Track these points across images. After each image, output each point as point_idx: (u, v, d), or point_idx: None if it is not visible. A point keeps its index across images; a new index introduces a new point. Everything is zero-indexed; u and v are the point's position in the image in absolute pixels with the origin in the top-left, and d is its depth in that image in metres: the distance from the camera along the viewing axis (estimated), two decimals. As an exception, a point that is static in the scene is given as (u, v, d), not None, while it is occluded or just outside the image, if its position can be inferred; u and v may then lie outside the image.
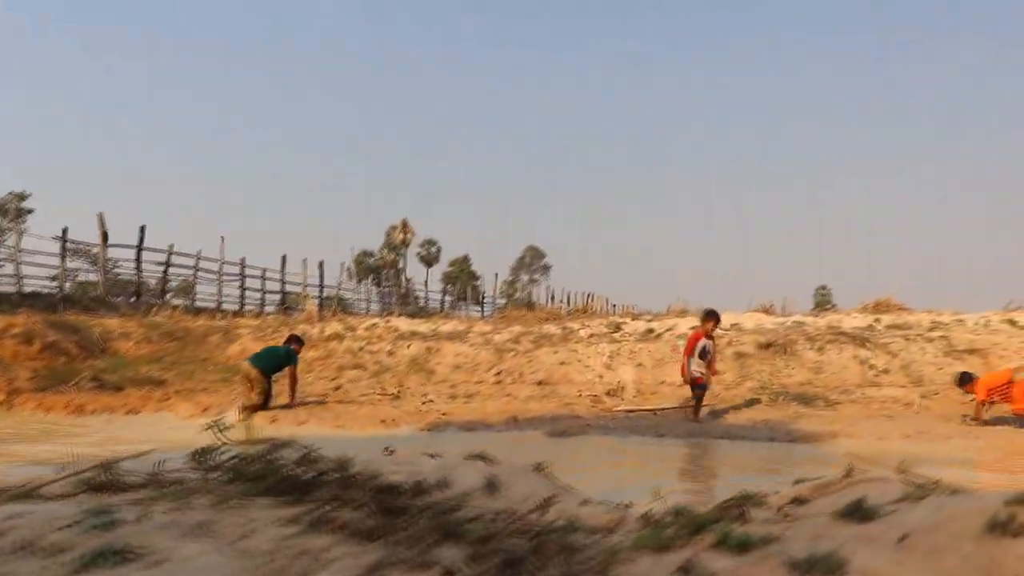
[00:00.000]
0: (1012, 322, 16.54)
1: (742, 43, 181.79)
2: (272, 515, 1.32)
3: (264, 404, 13.81)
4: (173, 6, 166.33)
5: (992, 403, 11.96)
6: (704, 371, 12.66)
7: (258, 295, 33.66)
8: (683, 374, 12.83)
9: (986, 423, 11.91)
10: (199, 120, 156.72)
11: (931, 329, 16.48)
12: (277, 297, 34.70)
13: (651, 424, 12.26)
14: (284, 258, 34.58)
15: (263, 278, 33.82)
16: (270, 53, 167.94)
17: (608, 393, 15.43)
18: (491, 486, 2.09)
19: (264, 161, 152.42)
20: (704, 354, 12.63)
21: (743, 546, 1.20)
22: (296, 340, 15.05)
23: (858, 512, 1.37)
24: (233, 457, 1.67)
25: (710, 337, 12.81)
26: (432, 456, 2.30)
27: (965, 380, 12.42)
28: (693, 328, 14.70)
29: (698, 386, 12.65)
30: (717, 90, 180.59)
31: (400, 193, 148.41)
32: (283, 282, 34.81)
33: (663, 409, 13.99)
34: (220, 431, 1.77)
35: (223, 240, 31.07)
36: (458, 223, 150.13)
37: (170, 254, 29.55)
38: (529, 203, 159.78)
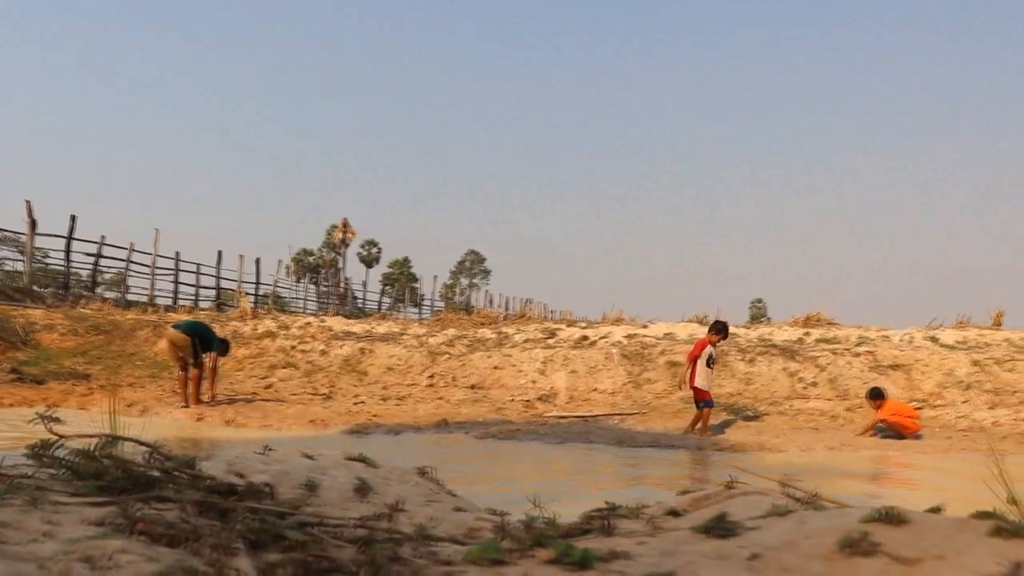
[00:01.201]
0: (934, 339, 16.91)
1: (681, 49, 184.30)
2: (83, 515, 1.22)
3: (199, 365, 13.69)
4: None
5: (888, 422, 12.39)
6: (711, 382, 12.42)
7: (192, 290, 33.08)
8: (686, 381, 12.51)
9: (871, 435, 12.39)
10: (135, 109, 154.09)
11: (858, 344, 16.77)
12: (212, 293, 34.11)
13: (581, 431, 12.24)
14: (220, 253, 34.02)
15: (198, 273, 33.25)
16: (208, 44, 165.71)
17: (540, 399, 15.41)
18: (362, 489, 2.01)
19: (203, 155, 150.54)
20: (710, 362, 12.37)
21: (583, 562, 1.13)
22: (227, 345, 14.91)
23: (718, 528, 1.32)
24: (72, 453, 1.57)
25: (715, 346, 12.60)
26: (309, 456, 2.21)
27: (874, 395, 12.77)
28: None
29: (705, 402, 12.33)
30: (659, 99, 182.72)
31: (341, 192, 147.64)
32: (218, 278, 34.23)
33: (594, 416, 14.02)
34: (50, 422, 1.66)
35: (157, 233, 30.45)
36: (400, 225, 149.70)
37: (102, 245, 28.84)
38: (471, 207, 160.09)
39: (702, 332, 18.37)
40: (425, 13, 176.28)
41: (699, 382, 12.24)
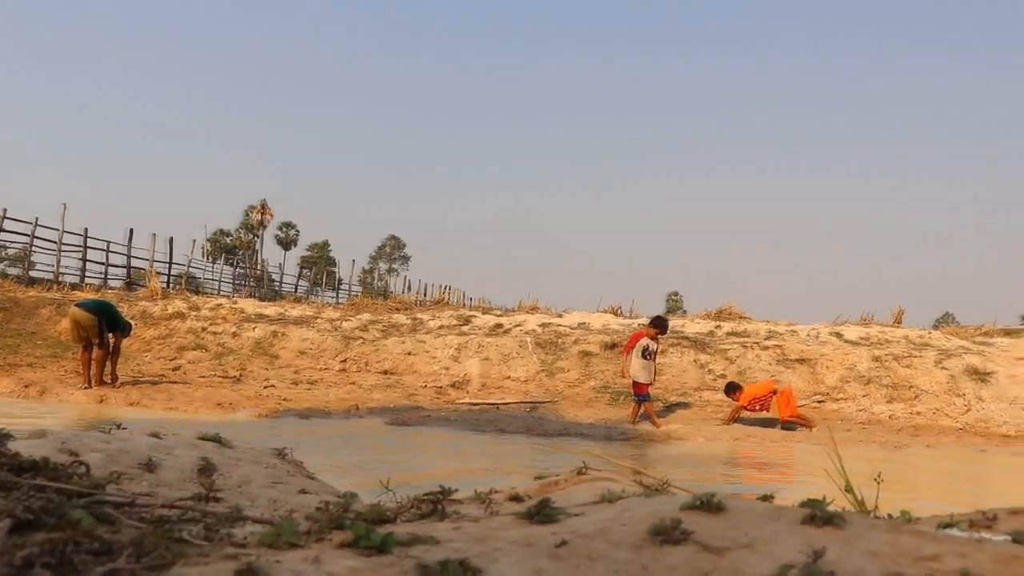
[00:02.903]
0: (839, 335, 17.35)
1: (600, 39, 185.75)
2: None
3: (103, 346, 13.34)
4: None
5: (753, 410, 12.86)
6: (649, 375, 12.59)
7: (101, 268, 32.03)
8: (624, 373, 12.76)
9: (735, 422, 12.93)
10: (42, 78, 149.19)
11: (767, 338, 17.11)
12: (122, 271, 33.12)
13: (492, 418, 12.25)
14: (131, 231, 32.98)
15: (107, 251, 32.21)
16: (123, 14, 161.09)
17: (453, 385, 15.38)
18: (205, 470, 1.94)
19: (115, 130, 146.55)
20: (647, 354, 12.54)
21: (381, 546, 1.10)
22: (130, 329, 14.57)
23: (540, 514, 1.30)
24: None
25: (654, 340, 12.80)
26: (156, 436, 2.13)
27: (731, 389, 13.28)
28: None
29: (642, 395, 12.54)
30: (580, 86, 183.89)
31: (261, 173, 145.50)
32: (129, 256, 33.21)
33: (506, 404, 14.04)
34: None
35: (64, 208, 29.40)
36: (320, 208, 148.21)
37: (3, 219, 27.71)
38: (394, 193, 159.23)
39: (616, 323, 18.59)
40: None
41: (633, 372, 12.48)
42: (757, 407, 12.84)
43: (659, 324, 12.95)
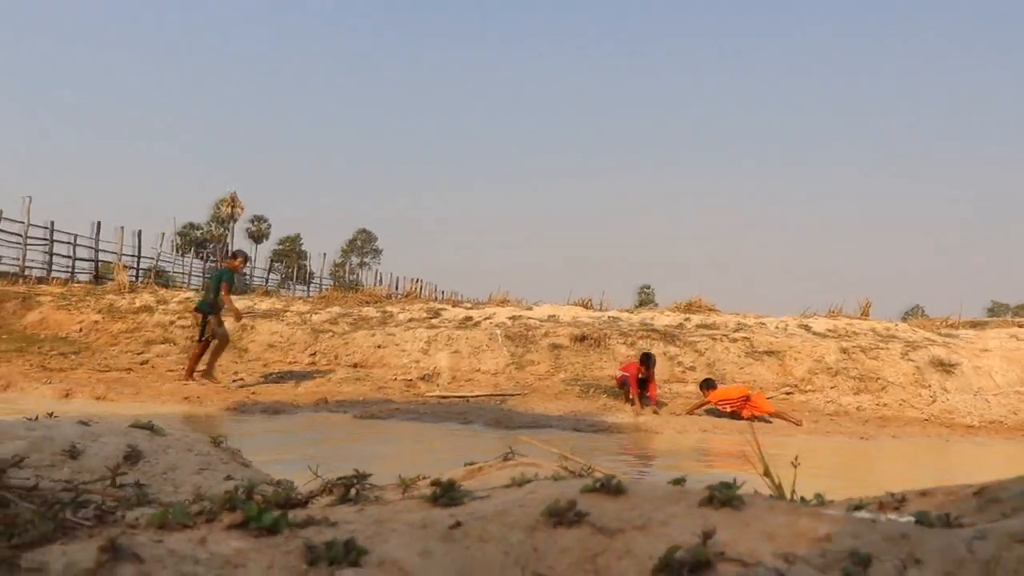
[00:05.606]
0: (807, 327, 17.48)
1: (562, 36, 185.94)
2: None
3: (202, 341, 13.86)
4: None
5: (722, 409, 13.15)
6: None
7: (68, 262, 31.66)
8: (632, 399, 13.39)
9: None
10: (8, 70, 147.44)
11: (736, 330, 17.20)
12: (89, 265, 32.75)
13: (460, 411, 12.24)
14: (98, 224, 32.58)
15: (74, 244, 31.84)
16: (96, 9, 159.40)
17: (423, 378, 15.35)
18: (132, 457, 1.94)
19: (82, 122, 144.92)
20: (644, 384, 13.39)
21: (272, 527, 1.10)
22: (238, 255, 14.68)
23: (444, 496, 1.30)
24: None
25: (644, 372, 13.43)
26: (85, 423, 2.13)
27: (706, 385, 13.67)
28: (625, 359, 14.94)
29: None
30: (547, 78, 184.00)
31: (232, 166, 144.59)
32: (96, 250, 32.84)
33: (476, 396, 14.04)
34: None
35: (29, 200, 29.02)
36: (292, 201, 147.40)
37: (-34, 213, 27.35)
38: (366, 185, 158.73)
39: (585, 315, 18.62)
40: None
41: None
42: (727, 408, 13.01)
43: (646, 362, 13.48)
